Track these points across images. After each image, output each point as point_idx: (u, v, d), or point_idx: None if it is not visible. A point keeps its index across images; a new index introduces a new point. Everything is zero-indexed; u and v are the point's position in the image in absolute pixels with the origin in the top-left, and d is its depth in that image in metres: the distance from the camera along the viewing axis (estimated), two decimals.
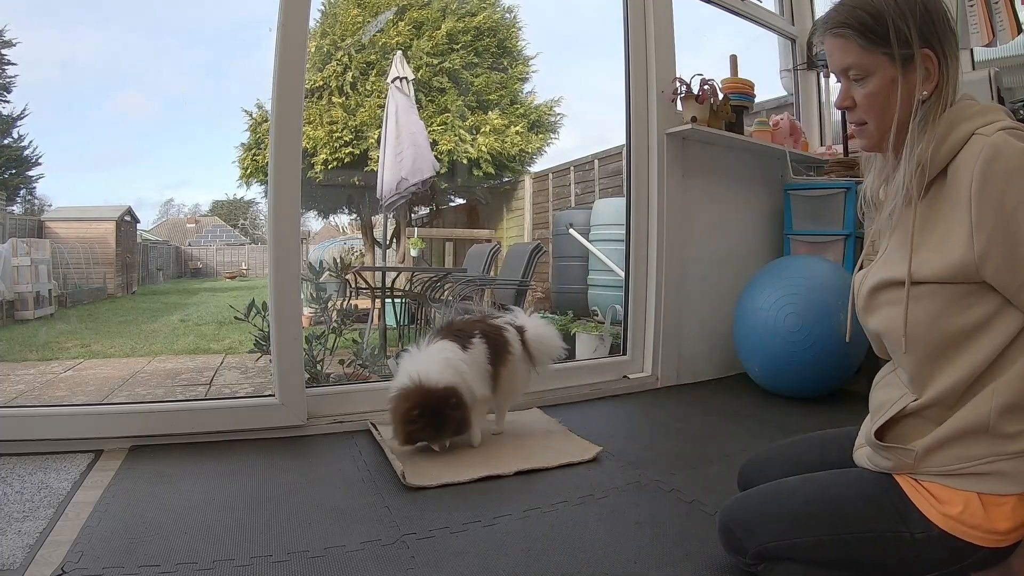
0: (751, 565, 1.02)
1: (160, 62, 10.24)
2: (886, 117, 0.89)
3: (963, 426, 0.85)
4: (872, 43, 0.87)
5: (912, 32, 0.85)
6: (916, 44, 0.85)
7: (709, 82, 2.39)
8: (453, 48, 7.46)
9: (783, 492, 1.01)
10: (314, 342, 2.46)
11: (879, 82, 0.88)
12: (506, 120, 7.62)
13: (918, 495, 0.89)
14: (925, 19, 0.86)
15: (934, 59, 0.86)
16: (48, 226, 6.52)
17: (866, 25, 0.87)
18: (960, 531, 0.84)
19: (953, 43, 0.87)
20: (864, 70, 0.89)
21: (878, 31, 0.87)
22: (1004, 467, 0.83)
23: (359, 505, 1.36)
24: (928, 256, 0.85)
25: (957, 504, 0.85)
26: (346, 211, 8.99)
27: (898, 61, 0.86)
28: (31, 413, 1.72)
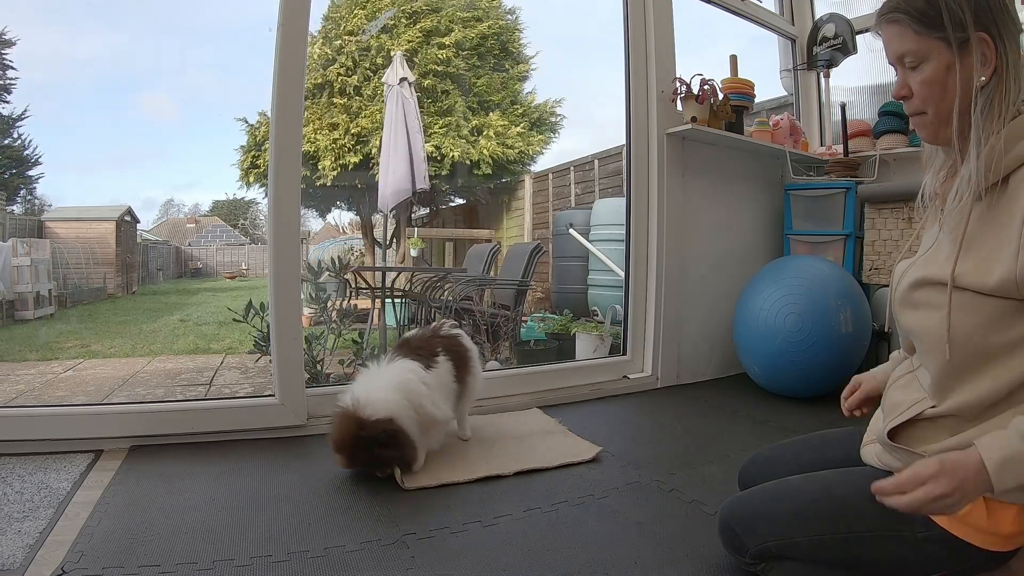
0: (751, 564, 1.02)
1: (168, 63, 10.25)
2: (944, 105, 0.86)
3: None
4: (926, 27, 0.86)
5: (967, 15, 0.83)
6: (971, 27, 0.83)
7: (709, 82, 2.39)
8: (459, 53, 7.47)
9: (784, 491, 1.01)
10: (314, 342, 2.46)
11: (935, 68, 0.86)
12: (507, 121, 7.63)
13: None
14: (980, 2, 0.84)
15: (991, 43, 0.83)
16: (48, 226, 6.52)
17: (919, 10, 0.86)
18: (962, 532, 0.84)
19: (1012, 28, 0.84)
20: (919, 56, 0.87)
21: (932, 15, 0.85)
22: None
23: (359, 505, 1.36)
24: (975, 264, 0.82)
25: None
26: (344, 207, 8.98)
27: (954, 45, 0.84)
28: (31, 413, 1.72)
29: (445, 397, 1.62)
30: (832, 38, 2.92)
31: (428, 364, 1.60)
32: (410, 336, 1.75)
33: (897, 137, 2.68)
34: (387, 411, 1.44)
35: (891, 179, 2.72)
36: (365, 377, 1.57)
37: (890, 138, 2.69)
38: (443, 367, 1.63)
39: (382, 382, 1.52)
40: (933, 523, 0.86)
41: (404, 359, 1.59)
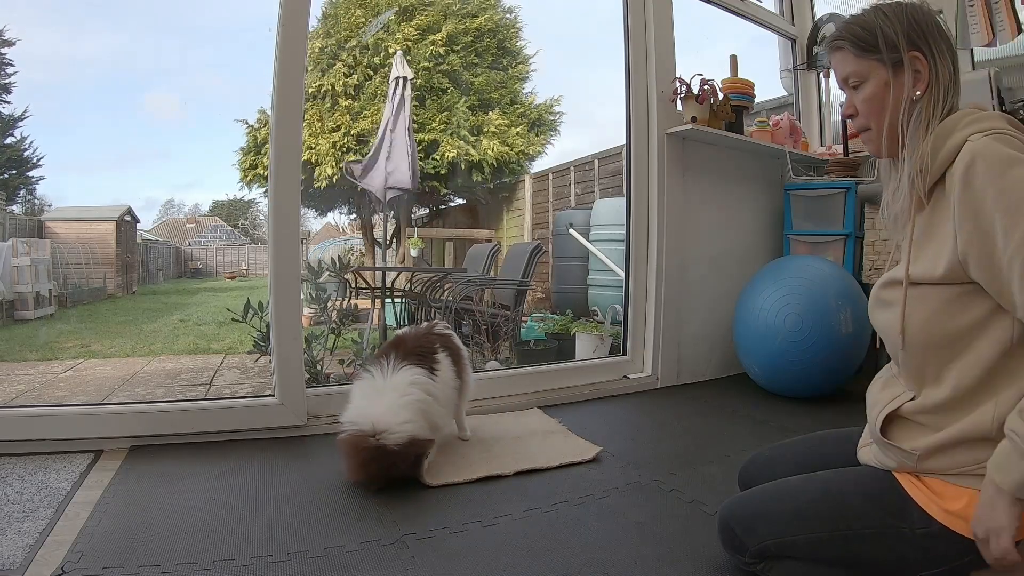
0: (750, 564, 1.02)
1: (169, 63, 10.25)
2: (884, 119, 0.94)
3: (964, 435, 0.85)
4: (864, 51, 0.95)
5: (900, 37, 0.92)
6: (904, 47, 0.91)
7: (709, 82, 2.39)
8: (453, 49, 7.46)
9: (784, 490, 1.02)
10: (314, 342, 2.46)
11: (873, 86, 0.95)
12: (507, 120, 7.62)
13: (919, 491, 0.89)
14: (912, 25, 0.92)
15: (923, 60, 0.91)
16: (48, 226, 6.52)
17: (857, 35, 0.95)
18: (962, 527, 0.84)
19: (944, 46, 0.92)
20: (860, 76, 0.96)
21: (868, 39, 0.94)
22: None
23: (359, 505, 1.36)
24: (927, 259, 0.88)
25: (960, 500, 0.85)
26: (344, 209, 8.99)
27: (888, 64, 0.93)
28: (31, 413, 1.72)
29: (449, 399, 1.63)
30: None
31: (432, 367, 1.57)
32: (405, 335, 1.70)
33: None
34: (409, 431, 1.41)
35: None
36: (373, 390, 1.49)
37: None
38: (445, 368, 1.63)
39: (393, 400, 1.46)
40: (932, 519, 0.87)
41: (409, 367, 1.53)
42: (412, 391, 1.49)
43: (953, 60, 0.93)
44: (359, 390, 1.54)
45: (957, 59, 0.94)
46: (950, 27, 2.57)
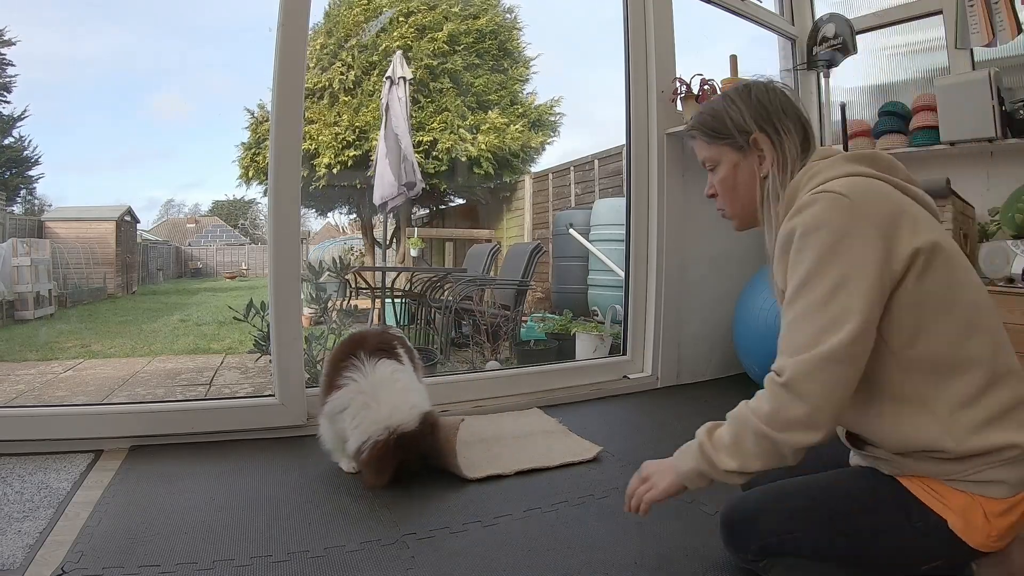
0: (752, 562, 1.02)
1: (170, 63, 10.24)
2: (737, 197, 1.04)
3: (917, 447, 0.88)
4: (714, 138, 1.04)
5: (746, 122, 1.01)
6: (752, 131, 1.00)
7: (709, 82, 2.39)
8: (455, 50, 7.47)
9: (786, 489, 1.02)
10: (314, 342, 2.46)
11: (725, 168, 1.04)
12: (506, 119, 7.63)
13: (918, 487, 0.90)
14: (757, 108, 1.00)
15: (769, 140, 0.99)
16: (48, 226, 6.52)
17: (707, 124, 1.05)
18: (959, 526, 0.86)
19: (791, 122, 1.00)
20: (713, 160, 1.06)
21: (717, 127, 1.04)
22: (996, 475, 0.85)
23: (359, 505, 1.36)
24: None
25: (958, 498, 0.87)
26: (346, 211, 9.00)
27: (737, 148, 1.02)
28: (31, 413, 1.72)
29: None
30: (832, 38, 2.91)
31: (399, 360, 1.58)
32: (365, 332, 1.68)
33: (897, 137, 2.67)
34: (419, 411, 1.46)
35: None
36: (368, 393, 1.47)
37: (890, 138, 2.69)
38: (407, 363, 1.62)
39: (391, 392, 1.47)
40: (932, 512, 0.88)
41: (383, 360, 1.53)
42: (400, 377, 1.51)
43: (804, 129, 1.00)
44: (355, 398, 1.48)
45: (808, 126, 1.01)
46: (951, 26, 2.57)
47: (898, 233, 0.85)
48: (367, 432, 1.41)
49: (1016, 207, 2.19)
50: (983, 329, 0.89)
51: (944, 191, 2.22)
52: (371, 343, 1.58)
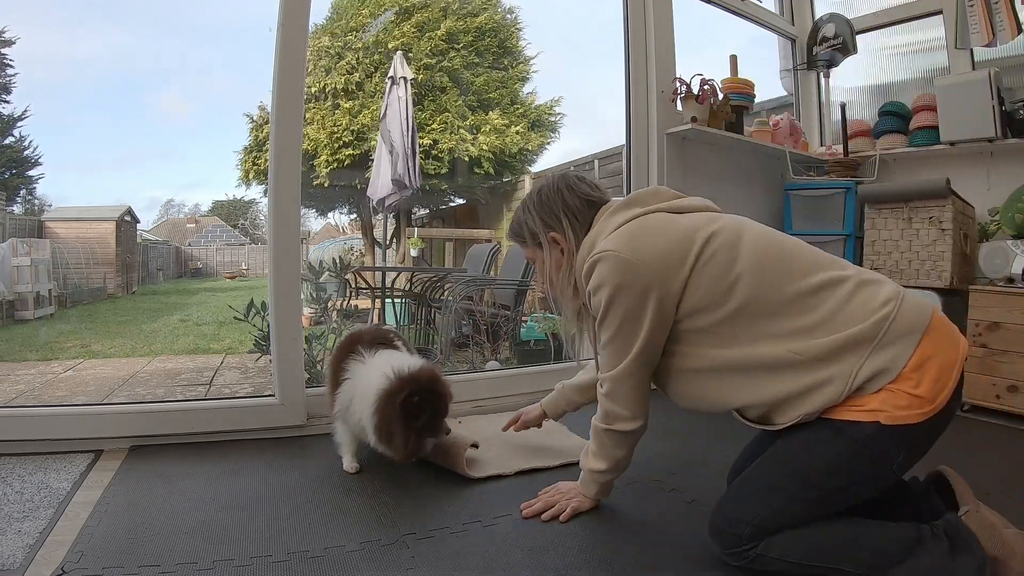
0: (751, 549, 1.04)
1: (172, 63, 10.23)
2: (555, 284, 1.28)
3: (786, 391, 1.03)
4: (523, 242, 1.31)
5: (538, 226, 1.26)
6: (542, 234, 1.25)
7: (709, 82, 2.39)
8: (454, 48, 7.46)
9: (747, 476, 1.11)
10: (314, 342, 2.46)
11: (539, 263, 1.31)
12: (506, 120, 7.63)
13: (842, 411, 1.00)
14: (544, 210, 1.25)
15: (560, 236, 1.24)
16: (48, 226, 6.51)
17: (516, 232, 1.33)
18: (885, 417, 0.96)
19: (575, 211, 1.23)
20: (531, 259, 1.33)
21: (521, 233, 1.31)
22: (874, 365, 0.98)
23: (359, 505, 1.36)
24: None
25: (873, 400, 0.98)
26: (346, 211, 8.99)
27: (540, 247, 1.27)
28: (31, 413, 1.72)
29: None
30: (832, 38, 2.92)
31: (398, 350, 1.60)
32: (360, 330, 1.68)
33: (897, 137, 2.68)
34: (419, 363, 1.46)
35: (891, 179, 2.72)
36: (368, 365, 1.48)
37: (890, 138, 2.69)
38: (405, 351, 1.64)
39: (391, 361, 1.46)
40: (863, 423, 0.97)
41: (382, 350, 1.55)
42: (400, 356, 1.52)
43: (589, 206, 1.23)
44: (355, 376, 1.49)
45: (594, 200, 1.24)
46: (951, 26, 2.57)
47: (667, 266, 1.08)
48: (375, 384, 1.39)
49: (1016, 207, 2.19)
50: (777, 272, 1.07)
51: (944, 191, 2.22)
52: (368, 338, 1.60)
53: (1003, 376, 2.03)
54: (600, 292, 1.12)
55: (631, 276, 1.08)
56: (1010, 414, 2.02)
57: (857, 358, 0.98)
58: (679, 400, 1.19)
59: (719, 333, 1.07)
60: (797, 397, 1.02)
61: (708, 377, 1.10)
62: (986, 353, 2.07)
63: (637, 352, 1.12)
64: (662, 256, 1.09)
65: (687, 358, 1.12)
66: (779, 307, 1.04)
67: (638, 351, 1.11)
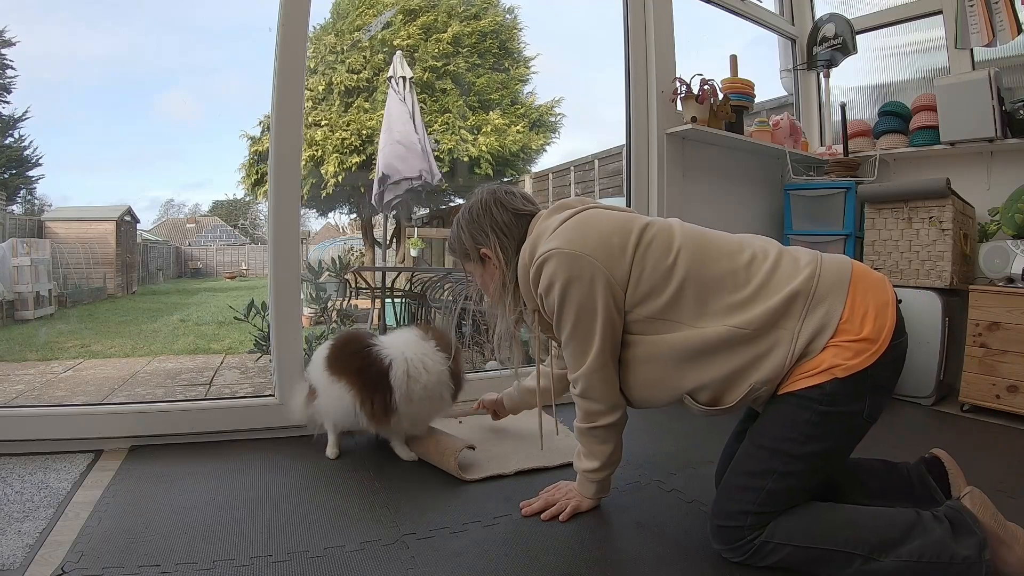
0: (756, 537, 1.05)
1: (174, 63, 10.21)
2: (493, 295, 1.32)
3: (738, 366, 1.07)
4: (459, 256, 1.34)
5: (467, 243, 1.29)
6: (474, 251, 1.29)
7: (709, 82, 2.39)
8: (458, 51, 7.47)
9: (731, 471, 1.13)
10: (314, 342, 2.46)
11: (476, 278, 1.34)
12: (507, 120, 7.63)
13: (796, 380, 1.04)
14: (474, 226, 1.28)
15: (490, 250, 1.26)
16: (48, 226, 6.51)
17: (452, 247, 1.36)
18: (839, 372, 1.00)
19: (505, 226, 1.26)
20: (469, 272, 1.36)
21: (458, 248, 1.33)
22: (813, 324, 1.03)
23: (359, 505, 1.36)
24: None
25: (823, 359, 1.02)
26: (346, 211, 8.99)
27: (475, 262, 1.31)
28: (31, 413, 1.72)
29: None
30: (832, 38, 2.92)
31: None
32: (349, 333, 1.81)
33: (897, 137, 2.68)
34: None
35: (891, 179, 2.72)
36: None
37: (890, 138, 2.69)
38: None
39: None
40: (820, 384, 1.01)
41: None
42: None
43: (519, 218, 1.26)
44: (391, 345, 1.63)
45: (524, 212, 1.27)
46: (951, 26, 2.57)
47: (609, 251, 1.11)
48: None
49: (1016, 207, 2.19)
50: (709, 250, 1.12)
51: (944, 191, 2.22)
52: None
53: (1003, 376, 2.03)
54: (552, 291, 1.14)
55: (577, 268, 1.11)
56: (1010, 414, 2.02)
57: (794, 321, 1.04)
58: (634, 392, 1.20)
59: (665, 318, 1.11)
60: (745, 369, 1.07)
61: (660, 364, 1.13)
62: (986, 353, 2.07)
63: (599, 343, 1.14)
64: (603, 244, 1.12)
65: (638, 347, 1.15)
66: (716, 283, 1.09)
67: (599, 342, 1.14)
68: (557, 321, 1.17)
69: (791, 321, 1.04)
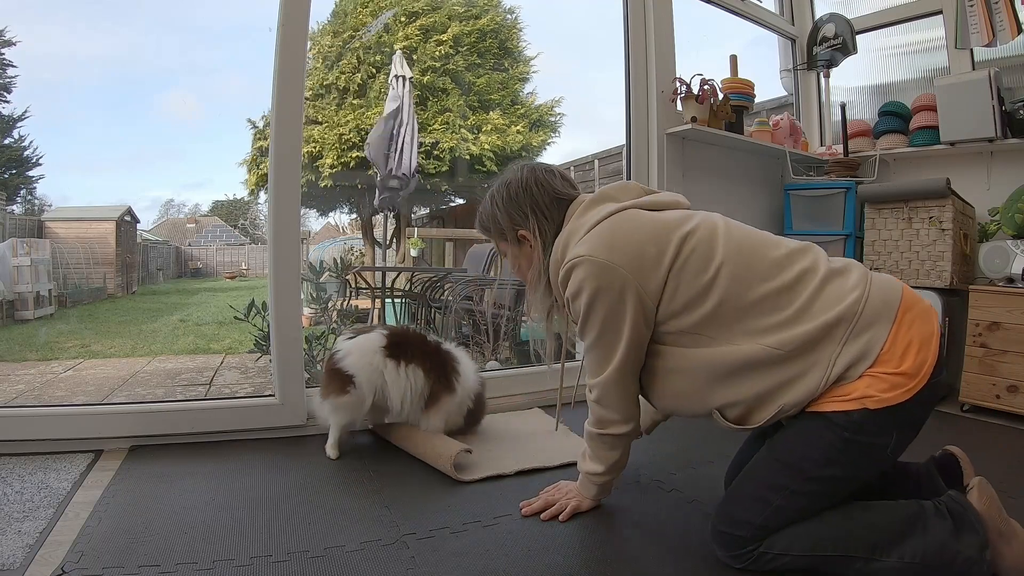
0: (756, 548, 1.04)
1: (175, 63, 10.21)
2: (524, 276, 1.28)
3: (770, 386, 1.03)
4: (492, 235, 1.29)
5: (504, 224, 1.24)
6: (509, 232, 1.24)
7: (709, 82, 2.39)
8: (458, 50, 7.47)
9: (744, 477, 1.11)
10: (314, 342, 2.46)
11: (510, 257, 1.29)
12: (507, 120, 7.63)
13: (826, 403, 1.00)
14: (513, 205, 1.22)
15: (528, 234, 1.22)
16: (48, 226, 6.51)
17: (484, 224, 1.29)
18: (870, 403, 0.96)
19: (544, 207, 1.21)
20: (502, 251, 1.31)
21: (491, 227, 1.28)
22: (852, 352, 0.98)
23: (359, 505, 1.36)
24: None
25: (857, 388, 0.98)
26: (346, 211, 9.00)
27: (510, 242, 1.26)
28: (31, 413, 1.72)
29: None
30: (832, 38, 2.92)
31: None
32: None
33: (897, 137, 2.68)
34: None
35: (891, 179, 2.72)
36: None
37: (890, 138, 2.69)
38: None
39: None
40: (849, 412, 0.97)
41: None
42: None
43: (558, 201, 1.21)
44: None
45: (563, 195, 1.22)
46: (951, 26, 2.57)
47: (642, 263, 1.07)
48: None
49: (1016, 207, 2.19)
50: (752, 269, 1.06)
51: (944, 191, 2.22)
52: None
53: (1003, 376, 2.03)
54: (579, 298, 1.11)
55: (608, 279, 1.07)
56: (1010, 414, 2.02)
57: (834, 346, 1.00)
58: (660, 402, 1.18)
59: (699, 333, 1.07)
60: (776, 391, 1.03)
61: (689, 377, 1.10)
62: (986, 353, 2.07)
63: (621, 355, 1.11)
64: (637, 255, 1.08)
65: (668, 358, 1.12)
66: (756, 304, 1.04)
67: (622, 355, 1.11)
68: (581, 328, 1.14)
69: (830, 346, 1.00)
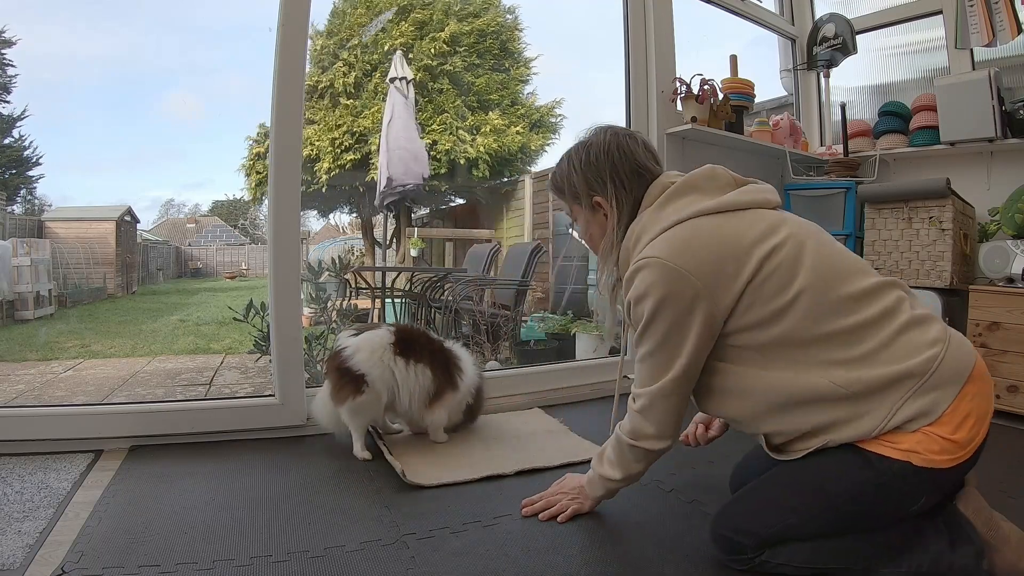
0: (754, 557, 1.04)
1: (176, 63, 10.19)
2: (596, 245, 1.22)
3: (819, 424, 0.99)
4: (565, 197, 1.23)
5: (580, 189, 1.18)
6: (585, 197, 1.18)
7: (709, 82, 2.39)
8: (456, 50, 7.46)
9: (761, 488, 1.09)
10: (314, 342, 2.46)
11: (582, 221, 1.23)
12: (506, 120, 7.63)
13: (873, 442, 0.97)
14: (595, 173, 1.16)
15: (604, 201, 1.16)
16: (48, 226, 6.51)
17: (557, 186, 1.24)
18: (919, 460, 0.93)
19: (624, 177, 1.14)
20: (572, 215, 1.25)
21: (565, 189, 1.21)
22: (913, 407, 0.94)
23: (359, 505, 1.36)
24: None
25: (909, 440, 0.95)
26: (346, 211, 9.00)
27: (583, 206, 1.19)
28: (31, 413, 1.72)
29: None
30: (832, 38, 2.92)
31: None
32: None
33: (897, 137, 2.68)
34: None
35: (891, 179, 2.72)
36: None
37: (890, 138, 2.69)
38: None
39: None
40: (892, 459, 0.94)
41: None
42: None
43: (640, 175, 1.14)
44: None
45: (645, 169, 1.15)
46: (951, 26, 2.57)
47: (718, 280, 1.00)
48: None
49: (1016, 207, 2.19)
50: (834, 298, 1.00)
51: (944, 191, 2.22)
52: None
53: (1003, 376, 2.03)
54: (643, 303, 1.03)
55: (678, 287, 1.00)
56: (1010, 414, 2.02)
57: (898, 396, 0.95)
58: (710, 412, 1.16)
59: (764, 354, 1.01)
60: (829, 427, 0.99)
61: (749, 401, 1.04)
62: (986, 353, 2.07)
63: (679, 370, 1.04)
64: (714, 266, 1.01)
65: (727, 376, 1.06)
66: (829, 337, 0.99)
67: (680, 369, 1.04)
68: (640, 334, 1.06)
69: (894, 395, 0.95)
